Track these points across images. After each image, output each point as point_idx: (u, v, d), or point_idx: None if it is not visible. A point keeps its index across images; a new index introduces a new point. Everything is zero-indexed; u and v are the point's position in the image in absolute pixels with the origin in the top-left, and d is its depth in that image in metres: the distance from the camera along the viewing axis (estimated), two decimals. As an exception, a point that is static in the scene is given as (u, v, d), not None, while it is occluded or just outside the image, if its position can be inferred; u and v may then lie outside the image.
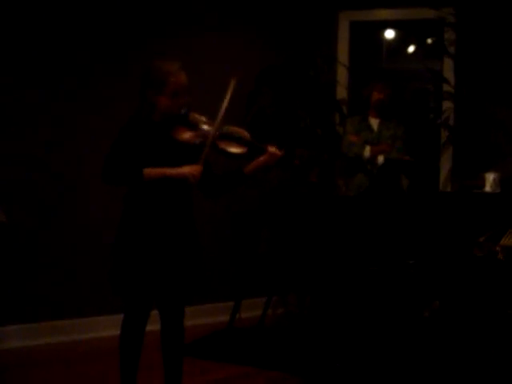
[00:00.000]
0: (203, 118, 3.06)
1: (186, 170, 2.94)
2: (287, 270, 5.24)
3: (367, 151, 4.72)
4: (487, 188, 4.17)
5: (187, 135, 3.01)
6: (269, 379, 3.99)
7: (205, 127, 3.03)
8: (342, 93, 5.62)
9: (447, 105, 5.37)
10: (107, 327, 4.52)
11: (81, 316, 4.66)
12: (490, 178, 4.17)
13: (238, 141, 3.07)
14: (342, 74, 5.64)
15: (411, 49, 5.99)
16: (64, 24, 4.54)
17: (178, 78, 2.97)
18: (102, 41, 4.67)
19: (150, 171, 2.91)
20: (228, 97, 3.02)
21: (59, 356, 4.30)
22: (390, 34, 6.35)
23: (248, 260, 5.23)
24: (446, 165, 5.42)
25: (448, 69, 5.36)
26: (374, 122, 4.86)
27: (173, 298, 3.13)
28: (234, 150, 3.06)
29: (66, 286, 4.61)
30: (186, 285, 3.10)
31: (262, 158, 3.08)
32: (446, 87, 5.34)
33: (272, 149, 3.09)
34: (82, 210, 4.64)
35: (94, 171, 4.61)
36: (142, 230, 3.00)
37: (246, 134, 3.11)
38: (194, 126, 3.03)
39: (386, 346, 3.86)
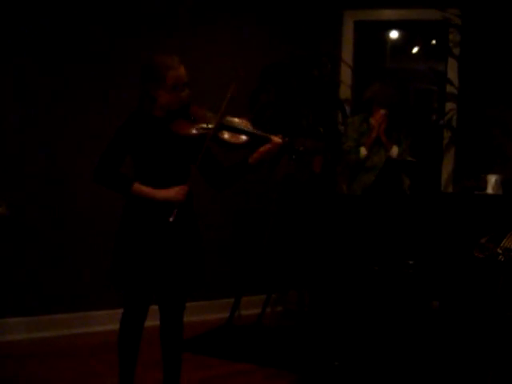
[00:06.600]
0: (204, 112, 3.06)
1: (171, 193, 2.96)
2: (287, 268, 5.25)
3: (363, 151, 4.68)
4: (489, 190, 4.17)
5: (187, 128, 3.00)
6: (267, 376, 3.99)
7: (205, 120, 3.02)
8: (345, 92, 5.61)
9: (450, 106, 5.36)
10: (106, 321, 4.52)
11: (80, 310, 4.67)
12: (492, 179, 4.17)
13: (239, 131, 3.06)
14: (346, 74, 5.64)
15: (415, 49, 5.98)
16: (64, 22, 4.54)
17: (177, 71, 2.97)
18: (102, 39, 4.67)
19: (138, 188, 2.96)
20: (228, 96, 2.99)
21: (58, 349, 4.31)
22: (394, 34, 6.35)
23: (248, 257, 5.23)
24: (448, 166, 5.42)
25: (452, 70, 5.35)
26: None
27: (173, 294, 3.14)
28: (236, 140, 3.05)
29: (67, 280, 4.62)
30: (186, 280, 3.10)
31: (264, 147, 3.08)
32: (449, 88, 5.34)
33: (274, 138, 3.09)
34: (83, 203, 4.64)
35: (95, 165, 4.66)
36: (143, 225, 3.01)
37: (247, 123, 3.10)
38: (194, 120, 3.03)
39: (384, 345, 3.86)
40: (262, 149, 3.07)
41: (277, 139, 3.09)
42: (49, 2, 4.47)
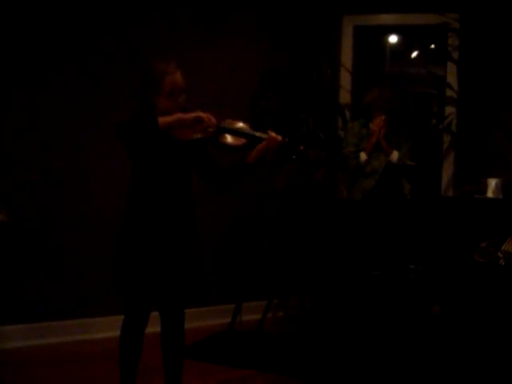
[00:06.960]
0: None
1: (200, 113, 2.95)
2: (288, 273, 5.24)
3: (363, 156, 4.68)
4: (489, 194, 4.16)
5: (187, 133, 3.01)
6: (267, 382, 3.98)
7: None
8: (345, 97, 5.62)
9: (450, 110, 5.37)
10: (107, 329, 4.51)
11: (81, 317, 4.65)
12: (492, 183, 4.17)
13: (239, 134, 3.07)
14: (346, 78, 5.64)
15: (414, 54, 5.98)
16: (65, 23, 4.54)
17: (174, 77, 2.98)
18: (103, 40, 4.67)
19: (164, 117, 2.88)
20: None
21: (59, 356, 4.29)
22: (393, 38, 6.36)
23: (249, 263, 5.23)
24: (448, 170, 5.42)
25: (451, 74, 5.36)
26: None
27: (173, 300, 3.13)
28: (235, 142, 3.06)
29: (67, 287, 4.60)
30: (187, 287, 3.10)
31: (261, 144, 3.08)
32: (448, 92, 5.35)
33: (272, 134, 3.09)
34: (83, 210, 4.64)
35: (95, 170, 4.66)
36: (144, 231, 3.00)
37: (244, 125, 3.11)
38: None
39: (386, 350, 3.85)
40: (259, 146, 3.08)
41: (274, 134, 3.09)
42: (50, 3, 4.48)
